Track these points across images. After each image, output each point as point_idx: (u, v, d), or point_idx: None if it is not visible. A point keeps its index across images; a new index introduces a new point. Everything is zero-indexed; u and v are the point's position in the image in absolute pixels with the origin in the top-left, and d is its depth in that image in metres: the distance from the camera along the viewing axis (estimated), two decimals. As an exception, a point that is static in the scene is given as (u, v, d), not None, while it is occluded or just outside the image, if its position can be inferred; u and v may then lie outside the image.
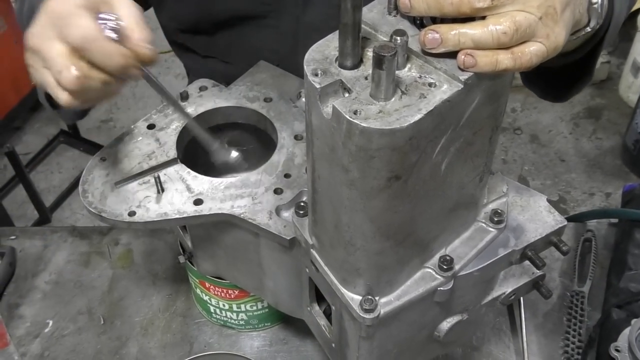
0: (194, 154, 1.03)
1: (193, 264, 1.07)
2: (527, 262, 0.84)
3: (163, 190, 0.91)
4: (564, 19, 0.63)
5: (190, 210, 0.89)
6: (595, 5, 0.71)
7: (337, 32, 0.62)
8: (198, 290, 1.15)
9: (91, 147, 3.17)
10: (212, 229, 0.95)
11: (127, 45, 0.71)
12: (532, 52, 0.62)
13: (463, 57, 0.60)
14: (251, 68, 1.10)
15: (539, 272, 0.88)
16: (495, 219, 0.81)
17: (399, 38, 0.61)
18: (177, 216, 0.88)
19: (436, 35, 0.61)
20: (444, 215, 0.75)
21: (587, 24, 0.73)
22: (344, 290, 0.77)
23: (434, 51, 0.62)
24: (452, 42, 0.61)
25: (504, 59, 0.61)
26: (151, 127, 0.99)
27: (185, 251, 1.10)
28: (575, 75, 0.90)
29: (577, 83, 0.91)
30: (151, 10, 1.20)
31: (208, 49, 1.24)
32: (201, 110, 1.01)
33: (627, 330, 1.06)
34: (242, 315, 1.15)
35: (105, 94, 0.77)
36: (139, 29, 0.72)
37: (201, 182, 0.92)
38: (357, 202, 0.66)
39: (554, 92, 0.99)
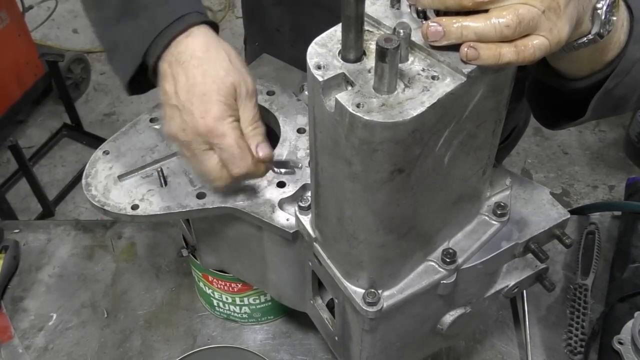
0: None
1: (196, 257, 1.07)
2: (530, 255, 0.84)
3: (166, 184, 0.91)
4: (567, 13, 0.63)
5: (193, 203, 0.89)
6: (599, 11, 0.71)
7: (339, 25, 0.62)
8: (201, 284, 1.16)
9: (94, 141, 3.17)
10: (215, 223, 0.95)
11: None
12: (535, 45, 0.61)
13: (466, 49, 0.60)
14: (254, 61, 1.10)
15: (542, 265, 0.88)
16: (499, 212, 0.81)
17: (402, 31, 0.61)
18: (180, 210, 0.88)
19: (439, 27, 0.60)
20: (447, 209, 0.75)
21: (590, 32, 0.73)
22: (347, 284, 0.77)
23: (436, 44, 0.62)
24: (455, 35, 0.60)
25: (507, 52, 0.61)
26: (154, 120, 0.99)
27: (189, 244, 1.10)
28: (572, 110, 0.89)
29: (571, 119, 0.90)
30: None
31: (280, 23, 1.19)
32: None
33: (630, 323, 1.06)
34: (245, 309, 1.15)
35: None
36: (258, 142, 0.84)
37: (204, 176, 0.92)
38: (360, 195, 0.66)
39: (549, 117, 0.99)
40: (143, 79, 0.89)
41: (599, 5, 0.70)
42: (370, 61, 0.63)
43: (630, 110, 0.91)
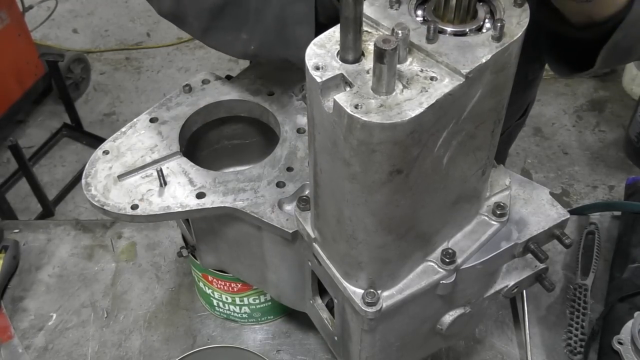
0: (197, 147, 1.04)
1: (196, 257, 1.07)
2: (529, 255, 0.84)
3: (166, 184, 0.91)
4: None
5: (193, 203, 0.89)
6: None
7: (338, 26, 0.62)
8: (201, 284, 1.16)
9: (94, 141, 3.17)
10: (214, 222, 0.95)
11: None
12: None
13: None
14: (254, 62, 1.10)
15: (541, 265, 0.88)
16: (498, 212, 0.81)
17: (400, 32, 0.61)
18: (180, 210, 0.88)
19: None
20: (447, 209, 0.75)
21: None
22: (346, 284, 0.77)
23: None
24: None
25: None
26: (154, 120, 0.99)
27: (188, 244, 1.10)
28: (583, 62, 0.91)
29: (582, 69, 0.92)
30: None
31: None
32: (204, 103, 1.01)
33: (629, 323, 1.06)
34: (245, 309, 1.15)
35: None
36: None
37: (203, 176, 0.92)
38: (358, 196, 0.66)
39: (562, 68, 1.00)
40: None
41: None
42: (368, 62, 0.63)
43: (635, 59, 0.95)
